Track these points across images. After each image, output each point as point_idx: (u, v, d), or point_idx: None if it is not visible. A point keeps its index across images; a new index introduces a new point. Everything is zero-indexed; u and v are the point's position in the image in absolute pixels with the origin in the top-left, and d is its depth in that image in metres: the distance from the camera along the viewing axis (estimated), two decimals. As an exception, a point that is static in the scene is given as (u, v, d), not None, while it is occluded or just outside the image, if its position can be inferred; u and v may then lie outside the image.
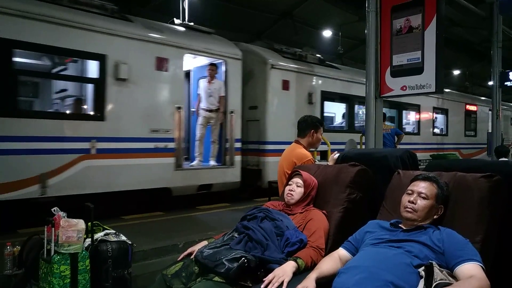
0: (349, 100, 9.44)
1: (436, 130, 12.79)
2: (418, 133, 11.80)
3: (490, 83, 10.65)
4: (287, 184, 2.55)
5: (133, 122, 5.77)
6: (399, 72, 5.41)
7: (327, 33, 14.87)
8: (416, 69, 5.23)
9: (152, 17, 7.12)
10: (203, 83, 7.13)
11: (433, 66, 5.06)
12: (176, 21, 7.55)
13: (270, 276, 1.86)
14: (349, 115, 9.48)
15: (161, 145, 6.07)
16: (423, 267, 1.62)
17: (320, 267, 1.89)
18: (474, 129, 14.16)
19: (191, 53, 6.65)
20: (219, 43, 7.16)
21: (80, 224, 2.55)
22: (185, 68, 7.12)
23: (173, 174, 6.22)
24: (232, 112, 7.09)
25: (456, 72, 20.85)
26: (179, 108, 6.28)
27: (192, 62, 7.44)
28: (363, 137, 6.45)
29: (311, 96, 8.37)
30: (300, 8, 13.44)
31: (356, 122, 10.04)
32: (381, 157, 2.68)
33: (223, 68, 7.09)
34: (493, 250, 1.82)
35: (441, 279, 1.54)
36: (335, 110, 10.98)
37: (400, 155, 2.63)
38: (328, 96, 8.95)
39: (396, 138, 7.96)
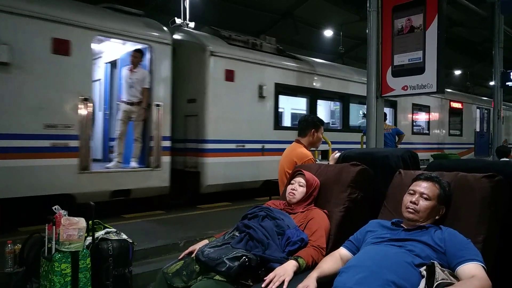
0: (312, 95, 8.51)
1: (416, 129, 11.97)
2: None
3: (491, 83, 10.65)
4: (289, 183, 2.54)
5: (19, 116, 4.76)
6: (400, 72, 5.40)
7: (328, 33, 14.87)
8: (417, 69, 5.22)
9: (153, 16, 7.09)
10: (125, 72, 6.18)
11: (434, 66, 5.05)
12: (177, 20, 7.56)
13: (271, 275, 1.86)
14: (311, 111, 8.48)
15: (59, 143, 5.06)
16: (424, 267, 1.62)
17: (321, 266, 1.89)
18: (459, 128, 13.29)
19: (104, 36, 5.71)
20: (142, 25, 6.06)
21: (81, 222, 2.56)
22: (110, 54, 6.48)
23: (77, 178, 5.18)
24: (158, 105, 6.04)
25: (457, 72, 20.84)
26: (85, 100, 5.23)
27: (122, 49, 6.57)
28: (364, 137, 6.45)
29: (262, 89, 7.38)
30: (301, 7, 13.45)
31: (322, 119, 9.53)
32: (382, 156, 2.68)
33: (148, 54, 6.10)
34: (495, 250, 1.82)
35: (442, 279, 1.54)
36: (296, 106, 9.81)
37: (401, 155, 2.63)
38: (284, 89, 7.98)
39: (397, 138, 7.95)
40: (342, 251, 1.99)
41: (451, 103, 12.84)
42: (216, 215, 6.15)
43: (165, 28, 6.32)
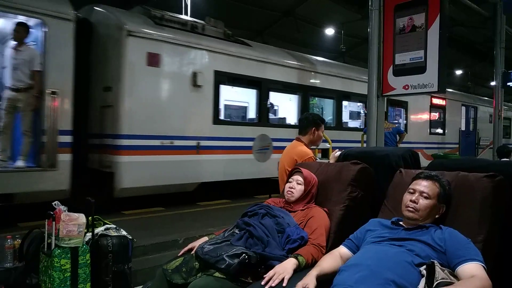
0: (261, 86, 7.44)
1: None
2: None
3: (493, 83, 10.63)
4: (287, 181, 2.54)
5: None
6: (401, 71, 5.40)
7: (329, 31, 14.85)
8: (418, 68, 5.22)
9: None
10: (8, 51, 5.12)
11: (436, 65, 5.05)
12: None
13: (270, 273, 1.86)
14: (260, 104, 7.49)
15: None
16: (424, 266, 1.62)
17: (320, 265, 1.89)
18: (442, 126, 12.27)
19: None
20: None
21: (81, 218, 2.56)
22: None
23: None
24: (54, 93, 4.91)
25: (459, 72, 20.83)
26: None
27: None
28: (365, 136, 6.44)
29: (197, 77, 6.28)
30: (303, 6, 13.43)
31: (272, 114, 8.33)
32: (382, 155, 2.68)
33: (41, 30, 5.00)
34: (495, 250, 1.82)
35: (442, 278, 1.54)
36: (244, 98, 8.38)
37: (402, 154, 2.62)
38: (228, 78, 6.95)
39: (398, 137, 7.94)
40: (342, 250, 1.99)
41: (432, 99, 11.74)
42: (216, 212, 6.15)
43: (66, 1, 5.22)
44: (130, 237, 2.91)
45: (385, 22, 5.57)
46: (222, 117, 7.21)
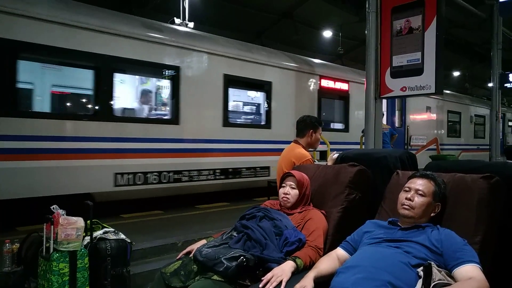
0: (100, 64, 5.48)
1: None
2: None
3: (490, 84, 10.67)
4: (280, 186, 2.54)
5: None
6: (399, 73, 5.41)
7: (327, 34, 14.88)
8: (416, 70, 5.23)
9: (153, 17, 7.10)
10: None
11: (433, 67, 5.06)
12: (177, 20, 7.56)
13: (268, 275, 1.86)
14: (99, 90, 5.53)
15: None
16: (421, 267, 1.62)
17: (318, 267, 1.90)
18: (343, 119, 9.52)
19: None
20: None
21: (79, 222, 2.56)
22: None
23: None
24: None
25: (456, 74, 20.88)
26: None
27: None
28: (363, 138, 6.44)
29: None
30: (301, 8, 13.45)
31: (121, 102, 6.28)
32: (380, 157, 2.69)
33: None
34: (492, 251, 1.83)
35: (439, 279, 1.55)
36: (66, 81, 6.03)
37: (399, 156, 2.64)
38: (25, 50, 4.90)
39: (390, 138, 7.95)
40: (339, 252, 2.00)
41: (322, 80, 8.59)
42: (214, 215, 6.15)
43: None
44: (129, 241, 2.91)
45: (382, 24, 5.59)
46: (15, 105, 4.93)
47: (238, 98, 8.17)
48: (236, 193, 7.40)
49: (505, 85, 10.46)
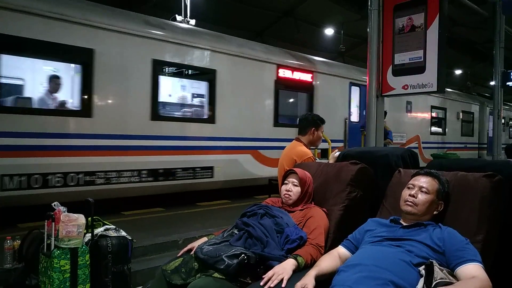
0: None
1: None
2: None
3: (492, 83, 10.64)
4: (282, 183, 2.54)
5: None
6: (400, 71, 5.39)
7: (329, 31, 14.86)
8: (417, 68, 5.21)
9: (154, 14, 7.08)
10: None
11: (435, 65, 5.04)
12: (178, 18, 7.55)
13: (269, 273, 1.86)
14: None
15: None
16: (423, 266, 1.62)
17: (319, 265, 1.89)
18: (295, 113, 8.65)
19: None
20: None
21: (80, 219, 2.56)
22: None
23: None
24: None
25: (458, 72, 20.84)
26: None
27: None
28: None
29: None
30: (302, 6, 13.43)
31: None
32: (382, 155, 2.68)
33: None
34: (494, 250, 1.82)
35: (441, 278, 1.54)
36: None
37: (401, 154, 2.63)
38: None
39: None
40: (341, 250, 1.99)
41: (280, 70, 7.68)
42: (215, 212, 6.16)
43: None
44: (130, 238, 2.91)
45: (384, 22, 5.56)
46: None
47: (174, 88, 7.23)
48: (172, 197, 6.48)
49: (507, 83, 10.44)
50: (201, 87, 7.11)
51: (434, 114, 12.29)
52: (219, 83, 6.82)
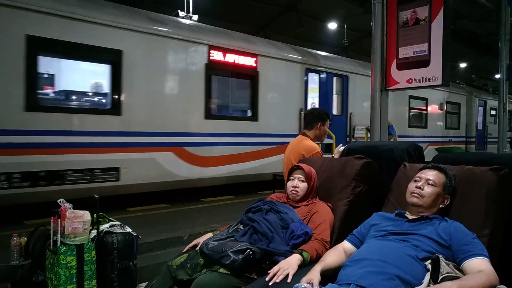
0: None
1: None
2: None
3: (497, 76, 10.56)
4: (288, 179, 2.53)
5: None
6: (405, 64, 5.35)
7: (332, 26, 14.78)
8: (422, 61, 5.17)
9: (156, 9, 7.06)
10: None
11: (440, 58, 5.00)
12: (181, 13, 7.53)
13: (275, 269, 1.86)
14: None
15: None
16: (429, 260, 1.61)
17: (324, 260, 1.89)
18: (250, 105, 7.37)
19: None
20: None
21: (86, 215, 2.57)
22: None
23: None
24: None
25: (463, 65, 20.69)
26: None
27: None
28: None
29: None
30: (305, 0, 13.36)
31: None
32: (387, 150, 2.67)
33: None
34: (500, 243, 1.81)
35: (447, 272, 1.53)
36: None
37: (406, 148, 2.61)
38: None
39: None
40: (346, 245, 1.99)
41: (212, 52, 6.56)
42: (220, 208, 6.17)
43: None
44: (135, 234, 2.92)
45: (388, 16, 5.51)
46: None
47: (61, 73, 5.57)
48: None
49: (513, 76, 10.35)
50: (102, 72, 5.71)
51: (413, 105, 11.33)
52: (126, 66, 5.63)
